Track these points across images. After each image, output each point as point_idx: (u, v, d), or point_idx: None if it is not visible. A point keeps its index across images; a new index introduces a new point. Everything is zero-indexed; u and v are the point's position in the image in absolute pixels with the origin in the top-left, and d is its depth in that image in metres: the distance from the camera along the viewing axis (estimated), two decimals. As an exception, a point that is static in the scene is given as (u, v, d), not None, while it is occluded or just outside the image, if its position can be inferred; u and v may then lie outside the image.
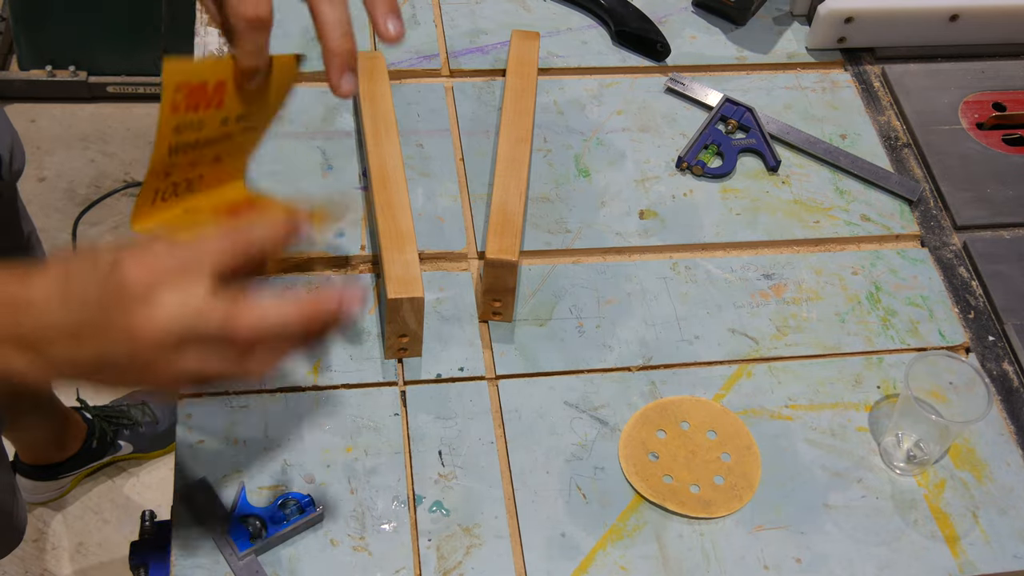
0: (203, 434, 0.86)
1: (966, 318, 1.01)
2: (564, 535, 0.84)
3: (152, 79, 2.32)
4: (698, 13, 1.26)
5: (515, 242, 0.92)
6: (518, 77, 1.09)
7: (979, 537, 0.87)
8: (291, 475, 0.85)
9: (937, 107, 1.18)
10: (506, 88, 1.08)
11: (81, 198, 2.19)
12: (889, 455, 0.90)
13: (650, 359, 0.95)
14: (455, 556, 0.82)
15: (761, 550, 0.84)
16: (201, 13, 1.17)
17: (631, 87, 1.17)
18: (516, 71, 1.10)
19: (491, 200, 0.97)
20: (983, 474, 0.90)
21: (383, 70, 1.08)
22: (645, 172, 1.09)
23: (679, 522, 0.85)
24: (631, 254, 1.03)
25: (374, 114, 1.03)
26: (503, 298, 0.94)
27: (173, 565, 0.80)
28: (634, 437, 0.89)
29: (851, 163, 1.11)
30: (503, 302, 0.94)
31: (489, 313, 0.95)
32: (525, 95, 1.07)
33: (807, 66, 1.22)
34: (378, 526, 0.83)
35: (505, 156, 1.00)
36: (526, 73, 1.09)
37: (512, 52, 1.12)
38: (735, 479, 0.88)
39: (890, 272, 1.04)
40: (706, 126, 1.12)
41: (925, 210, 1.10)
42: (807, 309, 1.00)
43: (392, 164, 0.98)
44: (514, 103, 1.06)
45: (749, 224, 1.06)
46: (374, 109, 1.03)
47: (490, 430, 0.89)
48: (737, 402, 0.93)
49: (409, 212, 0.95)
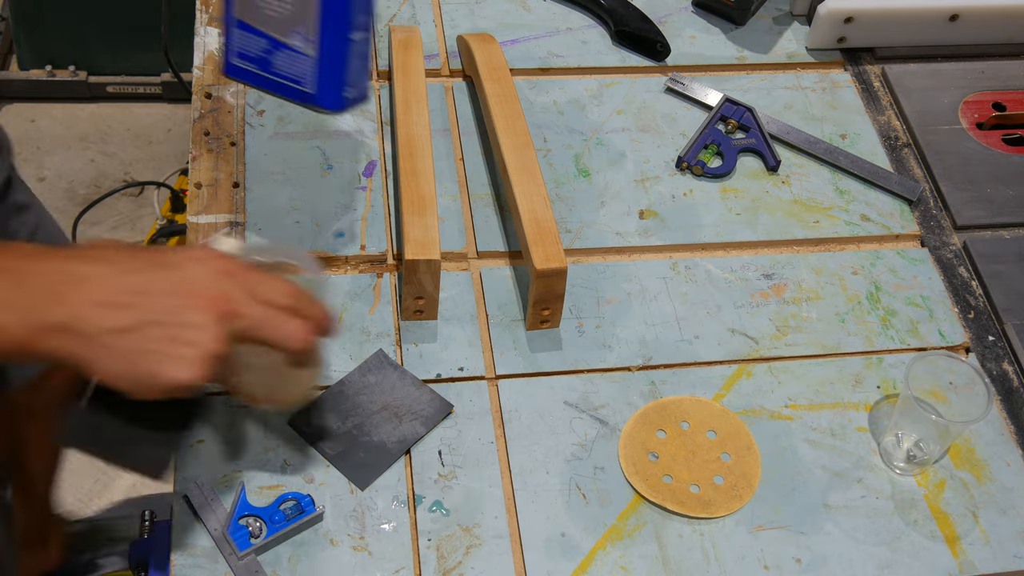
0: (203, 434, 0.86)
1: (966, 318, 1.01)
2: (564, 535, 0.84)
3: (152, 79, 2.32)
4: (698, 13, 1.26)
5: (558, 248, 0.92)
6: (495, 83, 1.07)
7: (979, 537, 0.87)
8: (291, 475, 0.85)
9: (937, 107, 1.18)
10: (486, 95, 1.06)
11: (81, 198, 2.19)
12: (889, 455, 0.90)
13: (650, 359, 0.95)
14: (455, 556, 0.82)
15: (761, 550, 0.84)
16: (201, 13, 1.17)
17: (631, 87, 1.17)
18: (490, 76, 1.08)
19: (515, 211, 0.96)
20: (983, 474, 0.90)
21: (419, 43, 1.11)
22: (645, 172, 1.09)
23: (679, 522, 0.85)
24: (631, 254, 1.03)
25: (406, 85, 1.06)
26: (552, 306, 0.94)
27: (173, 565, 0.80)
28: (634, 437, 0.89)
29: (851, 163, 1.11)
30: (552, 309, 0.94)
31: (537, 323, 0.95)
32: (509, 99, 1.05)
33: (807, 66, 1.22)
34: (378, 526, 0.83)
35: (515, 164, 0.99)
36: (500, 78, 1.08)
37: (477, 57, 1.10)
38: (735, 479, 0.88)
39: (890, 272, 1.04)
40: (706, 126, 1.12)
41: (925, 210, 1.10)
42: (807, 309, 1.00)
43: (419, 133, 1.00)
44: (502, 108, 1.04)
45: (749, 224, 1.06)
46: (406, 80, 1.06)
47: (490, 430, 0.89)
48: (737, 402, 0.93)
49: (432, 179, 0.97)
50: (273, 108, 1.09)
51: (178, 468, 0.84)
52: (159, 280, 0.66)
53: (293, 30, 0.81)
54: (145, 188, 2.21)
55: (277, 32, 0.82)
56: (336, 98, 0.84)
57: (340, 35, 0.81)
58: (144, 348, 0.64)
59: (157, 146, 2.30)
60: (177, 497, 0.82)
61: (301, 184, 1.03)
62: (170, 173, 2.24)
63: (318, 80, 0.83)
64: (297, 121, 1.09)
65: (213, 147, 1.05)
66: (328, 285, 0.89)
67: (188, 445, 0.82)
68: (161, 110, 2.36)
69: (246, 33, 0.83)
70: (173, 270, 0.67)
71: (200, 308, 0.65)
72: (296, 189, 1.03)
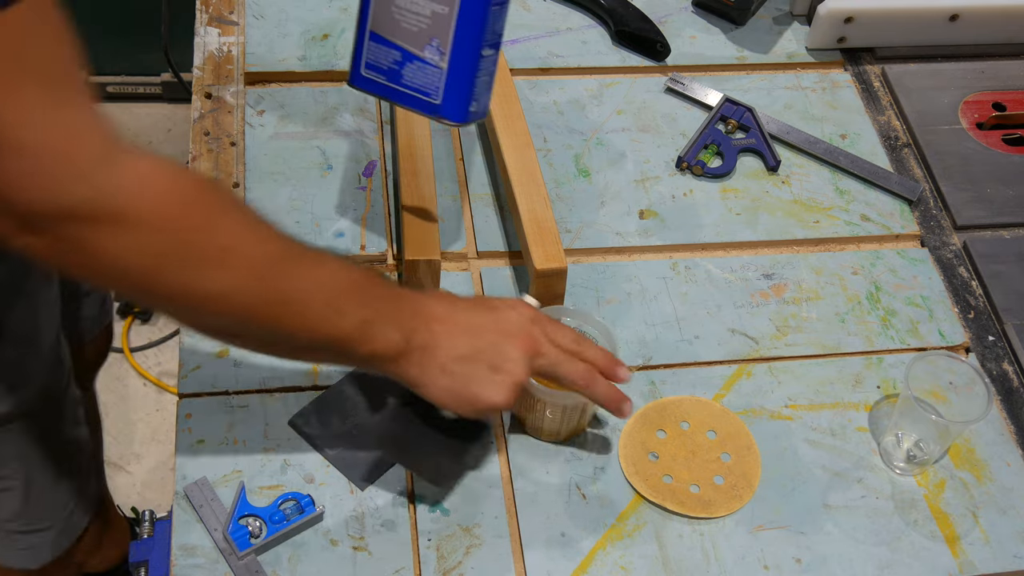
0: (203, 434, 0.86)
1: (966, 318, 1.01)
2: (564, 535, 0.84)
3: (152, 79, 2.32)
4: (698, 13, 1.26)
5: (558, 248, 0.92)
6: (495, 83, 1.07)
7: (979, 537, 0.87)
8: (291, 475, 0.85)
9: (937, 107, 1.18)
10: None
11: (81, 198, 2.18)
12: (889, 455, 0.90)
13: (650, 359, 0.95)
14: (455, 556, 0.82)
15: (761, 550, 0.84)
16: (201, 13, 1.17)
17: (631, 87, 1.17)
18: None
19: (515, 211, 0.96)
20: (983, 474, 0.90)
21: None
22: (645, 172, 1.09)
23: (679, 522, 0.85)
24: (631, 254, 1.03)
25: None
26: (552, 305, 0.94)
27: (173, 565, 0.80)
28: (634, 437, 0.89)
29: (851, 163, 1.11)
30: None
31: None
32: (509, 99, 1.05)
33: (807, 66, 1.22)
34: (378, 526, 0.83)
35: (516, 166, 0.99)
36: (500, 78, 1.06)
37: None
38: (735, 479, 0.88)
39: (890, 272, 1.04)
40: (706, 126, 1.12)
41: (925, 210, 1.10)
42: (807, 309, 1.00)
43: (419, 133, 1.00)
44: (502, 108, 1.04)
45: (749, 224, 1.06)
46: None
47: (490, 430, 0.89)
48: (737, 402, 0.93)
49: (433, 181, 0.97)
50: (273, 108, 1.10)
51: (179, 468, 0.84)
52: (487, 319, 0.79)
53: (427, 43, 0.83)
54: (145, 188, 2.21)
55: (411, 44, 0.84)
56: (462, 111, 0.86)
57: (473, 50, 0.83)
58: (473, 373, 0.77)
59: (157, 146, 2.30)
60: (177, 497, 0.83)
61: (301, 184, 1.03)
62: (170, 173, 2.23)
63: (445, 92, 0.85)
64: (297, 121, 1.09)
65: (213, 147, 1.05)
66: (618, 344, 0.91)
67: (475, 466, 0.87)
68: (161, 110, 2.36)
69: (379, 45, 0.86)
70: (496, 312, 0.80)
71: (515, 345, 0.78)
72: (296, 189, 1.03)
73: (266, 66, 1.13)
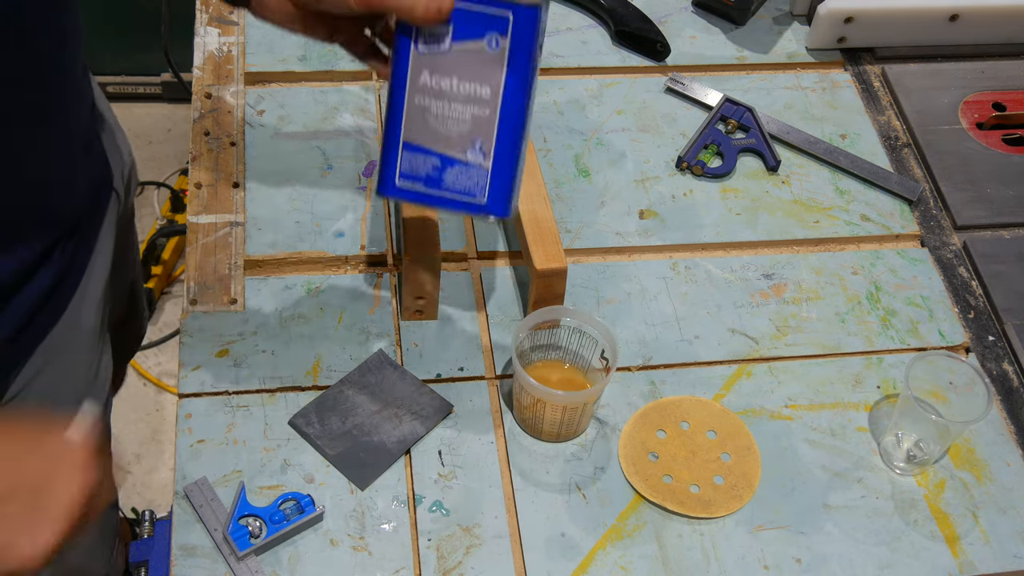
0: (203, 434, 0.86)
1: (966, 318, 1.01)
2: (564, 535, 0.84)
3: (152, 79, 2.32)
4: (698, 13, 1.26)
5: (558, 248, 0.92)
6: None
7: (979, 537, 0.87)
8: (291, 475, 0.85)
9: (937, 107, 1.18)
10: None
11: (81, 198, 2.19)
12: (889, 455, 0.90)
13: (650, 359, 0.95)
14: (455, 556, 0.82)
15: (761, 550, 0.84)
16: (201, 13, 1.17)
17: (631, 87, 1.17)
18: None
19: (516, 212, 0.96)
20: (983, 474, 0.90)
21: None
22: (645, 172, 1.09)
23: (679, 522, 0.85)
24: (631, 254, 1.03)
25: None
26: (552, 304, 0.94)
27: (173, 565, 0.80)
28: (634, 437, 0.89)
29: (851, 163, 1.11)
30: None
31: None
32: None
33: (807, 66, 1.22)
34: (378, 526, 0.83)
35: None
36: None
37: None
38: (735, 479, 0.88)
39: (890, 272, 1.04)
40: (706, 126, 1.12)
41: (925, 210, 1.10)
42: (807, 309, 1.00)
43: None
44: None
45: (749, 224, 1.06)
46: None
47: (490, 430, 0.89)
48: (737, 402, 0.93)
49: None
50: (273, 108, 1.10)
51: (178, 468, 0.84)
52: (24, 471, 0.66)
53: (470, 146, 0.82)
54: (145, 188, 2.21)
55: (452, 150, 0.82)
56: (506, 205, 0.84)
57: (515, 144, 0.81)
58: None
59: (157, 146, 2.30)
60: (177, 497, 0.83)
61: (301, 184, 1.03)
62: (170, 173, 2.24)
63: (491, 190, 0.83)
64: (297, 121, 1.09)
65: (213, 147, 1.05)
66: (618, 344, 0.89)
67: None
68: (161, 110, 2.36)
69: (415, 154, 0.83)
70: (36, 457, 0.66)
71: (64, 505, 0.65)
72: (296, 189, 1.03)
73: (266, 66, 1.13)
